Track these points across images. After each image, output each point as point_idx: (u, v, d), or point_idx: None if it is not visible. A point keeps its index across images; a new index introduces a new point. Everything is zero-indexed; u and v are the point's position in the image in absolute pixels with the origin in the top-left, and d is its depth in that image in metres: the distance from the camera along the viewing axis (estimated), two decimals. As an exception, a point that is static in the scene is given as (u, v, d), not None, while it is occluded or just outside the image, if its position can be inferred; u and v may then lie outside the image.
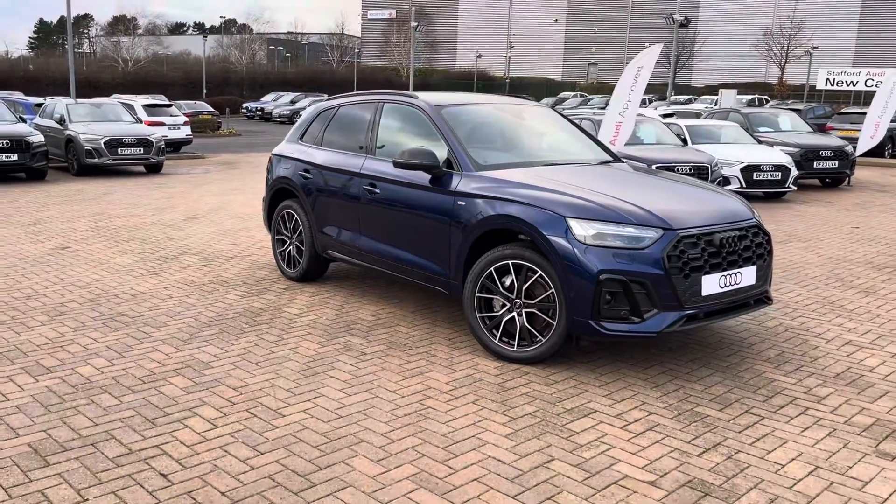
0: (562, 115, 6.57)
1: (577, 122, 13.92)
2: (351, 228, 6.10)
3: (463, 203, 5.06)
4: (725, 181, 13.33)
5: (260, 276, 7.05)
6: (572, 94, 50.13)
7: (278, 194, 6.98)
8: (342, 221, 6.19)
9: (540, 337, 4.68)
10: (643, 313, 4.37)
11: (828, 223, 11.04)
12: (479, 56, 64.95)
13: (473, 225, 4.94)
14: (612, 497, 3.20)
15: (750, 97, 46.67)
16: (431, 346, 5.13)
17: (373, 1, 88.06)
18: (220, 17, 75.32)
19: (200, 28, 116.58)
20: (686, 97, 49.89)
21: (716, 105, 35.00)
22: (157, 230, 9.47)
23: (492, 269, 4.79)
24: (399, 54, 65.21)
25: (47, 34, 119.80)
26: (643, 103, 41.08)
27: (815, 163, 15.30)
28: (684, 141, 14.11)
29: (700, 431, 3.86)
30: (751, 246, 4.76)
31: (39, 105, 21.01)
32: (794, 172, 13.57)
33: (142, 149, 16.26)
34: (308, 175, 6.52)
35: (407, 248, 5.56)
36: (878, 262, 8.27)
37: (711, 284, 4.51)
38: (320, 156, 6.48)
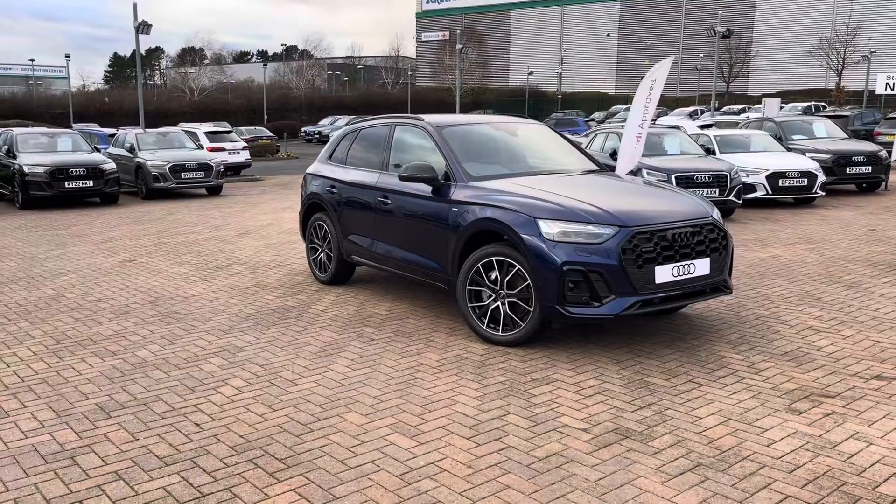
0: (555, 130, 7.36)
1: (606, 133, 14.57)
2: (369, 235, 7.00)
3: (456, 210, 5.89)
4: (751, 188, 13.81)
5: (296, 281, 8.00)
6: (624, 107, 50.35)
7: (311, 208, 7.94)
8: (362, 230, 7.09)
9: (520, 322, 5.46)
10: (602, 299, 5.12)
11: (846, 226, 11.44)
12: (531, 73, 65.86)
13: (464, 228, 5.77)
14: (547, 438, 3.96)
15: (806, 104, 46.19)
16: (433, 333, 5.96)
17: (427, 23, 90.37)
18: (282, 44, 77.81)
19: (264, 56, 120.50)
20: (740, 107, 49.60)
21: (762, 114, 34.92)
22: (211, 244, 10.57)
23: (479, 265, 5.60)
24: (451, 75, 66.66)
25: (121, 67, 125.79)
26: (693, 115, 41.18)
27: (847, 168, 15.61)
28: (710, 151, 14.63)
29: (641, 395, 4.57)
30: (704, 241, 5.44)
31: (112, 135, 22.69)
32: (822, 178, 13.94)
33: (202, 173, 17.62)
34: (334, 190, 7.46)
35: (413, 250, 6.42)
36: (877, 259, 8.74)
37: (664, 274, 5.22)
38: (344, 173, 7.41)
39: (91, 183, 15.75)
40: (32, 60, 75.24)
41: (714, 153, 14.69)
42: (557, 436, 4.00)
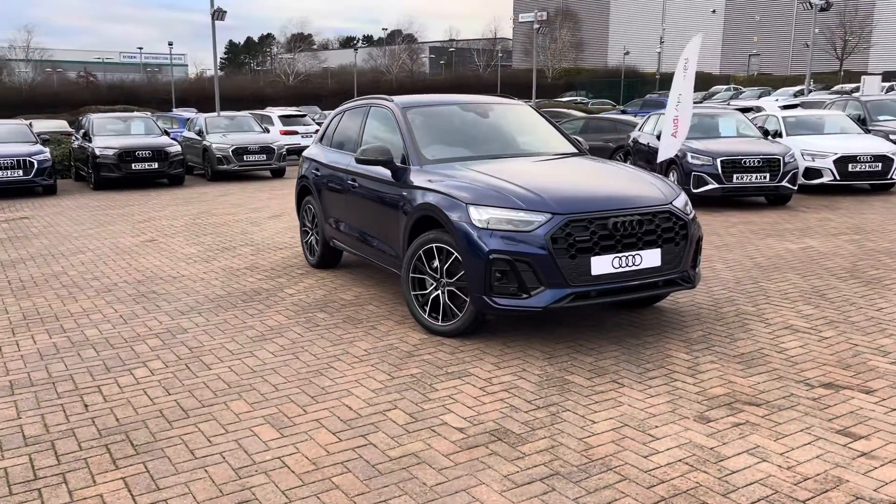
0: (539, 112, 6.98)
1: (658, 115, 13.83)
2: (343, 219, 6.89)
3: (406, 194, 5.69)
4: (816, 173, 12.86)
5: (289, 264, 8.01)
6: (725, 87, 48.05)
7: (301, 191, 7.91)
8: (338, 213, 6.99)
9: (458, 312, 5.22)
10: (530, 290, 4.81)
11: (910, 215, 10.45)
12: (627, 53, 63.73)
13: (411, 213, 5.57)
14: (415, 437, 3.75)
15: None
16: (383, 321, 5.80)
17: (524, 3, 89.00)
18: (383, 28, 78.69)
19: (369, 40, 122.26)
20: (853, 86, 46.32)
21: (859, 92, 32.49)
22: (238, 226, 10.75)
23: (421, 251, 5.39)
24: (544, 56, 65.56)
25: (235, 54, 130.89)
26: (798, 94, 38.75)
27: (938, 151, 14.23)
28: (777, 133, 13.69)
29: (549, 394, 4.26)
30: (655, 230, 5.02)
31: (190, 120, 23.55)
32: (900, 162, 12.78)
33: (265, 155, 18.02)
34: (318, 173, 7.39)
35: (376, 235, 6.26)
36: (919, 253, 7.91)
37: (602, 265, 4.84)
38: (325, 156, 7.33)
39: (157, 165, 16.38)
40: (141, 49, 79.63)
41: (780, 135, 13.76)
42: (427, 434, 3.77)
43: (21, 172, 14.94)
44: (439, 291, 5.31)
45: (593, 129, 17.10)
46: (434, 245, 5.28)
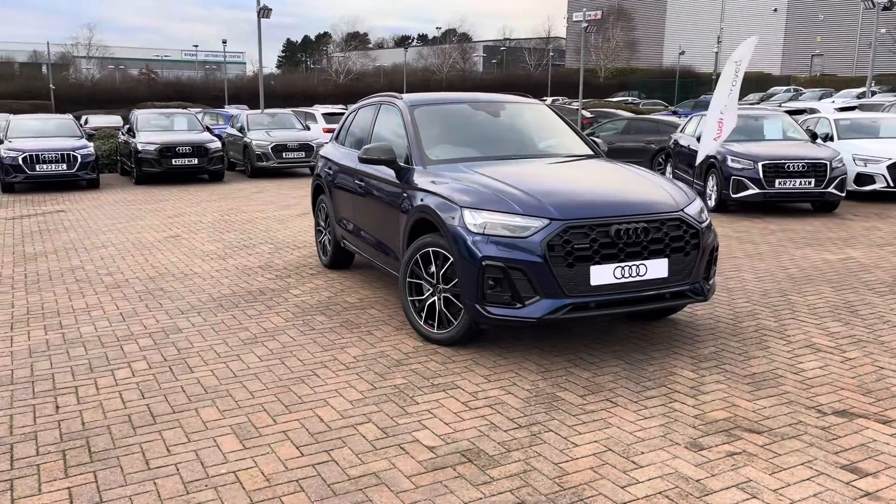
0: (556, 112, 6.68)
1: (701, 116, 13.32)
2: (351, 220, 6.71)
3: (406, 195, 5.48)
4: (868, 179, 12.23)
5: (303, 264, 7.87)
6: (784, 88, 46.57)
7: (316, 190, 7.77)
8: (347, 214, 6.82)
9: (453, 320, 4.98)
10: (524, 300, 4.54)
11: (967, 225, 9.81)
12: (682, 53, 62.22)
13: (409, 215, 5.35)
14: (382, 454, 3.53)
15: None
16: (380, 326, 5.60)
17: (579, 2, 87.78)
18: (437, 27, 78.80)
19: (424, 39, 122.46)
20: (921, 88, 44.46)
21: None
22: (264, 223, 10.70)
23: (418, 255, 5.17)
24: (596, 55, 64.49)
25: (293, 53, 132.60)
26: (861, 96, 37.30)
27: None
28: (828, 137, 13.06)
29: (534, 412, 4.00)
30: (663, 238, 4.70)
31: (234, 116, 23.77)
32: (963, 170, 12.05)
33: (303, 153, 18.04)
34: (330, 172, 7.24)
35: (380, 236, 6.07)
36: (969, 267, 7.36)
37: (603, 275, 4.55)
38: (338, 154, 7.16)
39: (196, 161, 16.53)
40: (196, 46, 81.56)
41: (831, 139, 13.14)
42: (395, 453, 3.55)
43: (65, 166, 15.21)
44: (436, 298, 5.09)
45: (635, 131, 16.63)
46: (431, 249, 5.05)
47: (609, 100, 46.33)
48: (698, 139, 11.98)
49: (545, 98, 45.59)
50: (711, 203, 11.41)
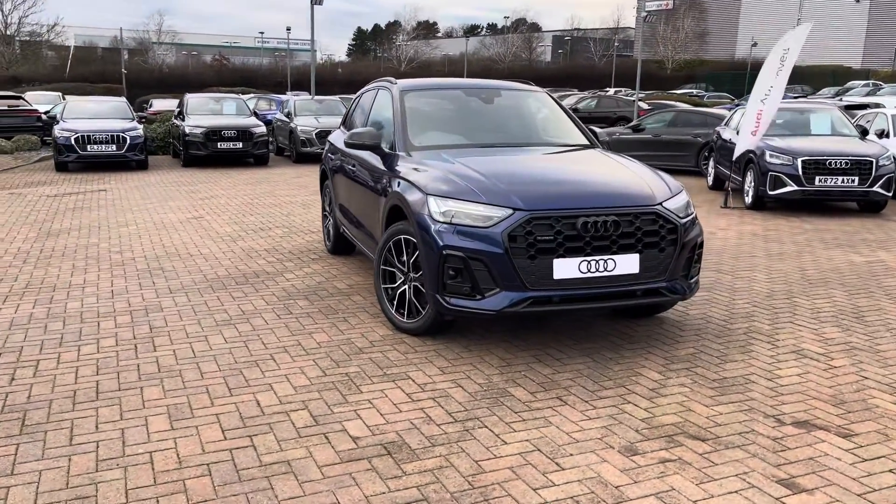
0: (556, 101, 6.46)
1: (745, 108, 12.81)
2: (346, 205, 6.67)
3: (386, 181, 5.39)
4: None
5: (308, 248, 7.88)
6: (862, 83, 44.46)
7: (322, 175, 7.75)
8: (342, 200, 6.78)
9: (422, 310, 4.88)
10: (484, 291, 4.41)
11: None
12: (755, 44, 60.03)
13: (385, 201, 5.27)
14: (303, 443, 3.46)
15: None
16: (358, 313, 5.53)
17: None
18: (505, 17, 78.32)
19: (493, 28, 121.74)
20: None
21: None
22: (287, 208, 10.78)
23: (391, 243, 5.08)
24: (664, 46, 62.82)
25: (363, 41, 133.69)
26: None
27: None
28: (864, 132, 12.38)
29: (476, 407, 3.87)
30: (635, 233, 4.49)
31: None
32: None
33: (347, 139, 18.12)
34: (333, 157, 7.20)
35: (365, 222, 6.00)
36: None
37: (568, 269, 4.37)
38: (340, 140, 7.12)
39: (241, 144, 16.81)
40: (262, 33, 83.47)
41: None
42: (317, 441, 3.48)
43: (114, 147, 15.66)
44: (406, 286, 4.99)
45: (682, 123, 16.11)
46: (402, 237, 4.95)
47: (673, 91, 45.12)
48: (738, 132, 11.53)
49: (607, 89, 44.68)
50: (748, 200, 10.95)
